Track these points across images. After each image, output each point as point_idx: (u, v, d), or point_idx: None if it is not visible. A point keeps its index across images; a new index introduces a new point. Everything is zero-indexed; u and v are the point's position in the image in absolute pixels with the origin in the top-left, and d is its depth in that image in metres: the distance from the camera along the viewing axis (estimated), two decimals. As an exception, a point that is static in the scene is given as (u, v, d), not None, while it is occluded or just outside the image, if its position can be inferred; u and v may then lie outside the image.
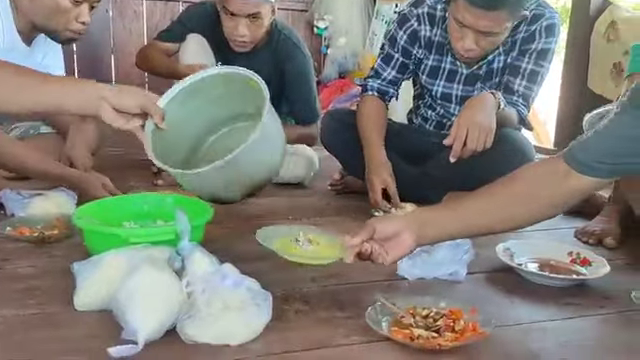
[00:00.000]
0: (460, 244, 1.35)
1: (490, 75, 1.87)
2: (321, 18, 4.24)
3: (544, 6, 1.80)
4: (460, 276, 1.31)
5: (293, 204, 1.89)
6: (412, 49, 1.91)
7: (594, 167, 1.13)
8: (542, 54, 1.78)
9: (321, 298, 1.18)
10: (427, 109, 2.03)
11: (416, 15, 1.89)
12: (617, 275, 1.35)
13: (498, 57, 1.84)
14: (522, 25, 1.78)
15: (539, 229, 1.73)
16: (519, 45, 1.80)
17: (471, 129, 1.58)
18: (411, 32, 1.90)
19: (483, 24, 1.61)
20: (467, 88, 1.90)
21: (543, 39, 1.77)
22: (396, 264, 1.32)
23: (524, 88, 1.80)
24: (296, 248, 1.25)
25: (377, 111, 1.93)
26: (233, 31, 1.95)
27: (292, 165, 2.08)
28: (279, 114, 2.23)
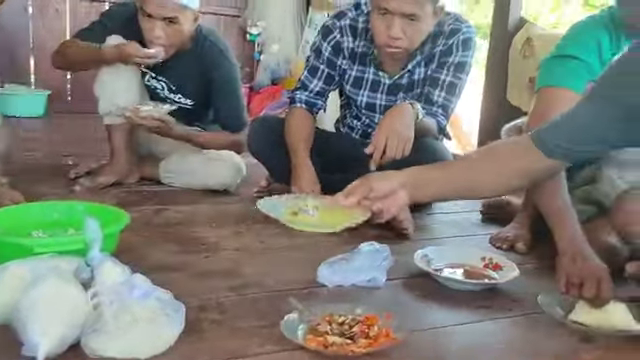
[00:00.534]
0: (379, 250, 1.38)
1: (412, 86, 1.92)
2: (254, 24, 4.23)
3: (461, 21, 1.87)
4: (379, 282, 1.33)
5: (216, 211, 1.86)
6: (336, 60, 1.94)
7: (552, 150, 1.22)
8: (459, 67, 1.85)
9: (238, 307, 1.17)
10: (353, 119, 2.06)
11: (339, 27, 1.93)
12: (526, 279, 1.41)
13: (418, 69, 1.89)
14: (440, 39, 1.85)
15: (457, 235, 1.81)
16: (438, 58, 1.86)
17: (390, 138, 1.62)
18: (335, 43, 1.93)
19: (407, 7, 1.66)
20: (390, 98, 1.94)
21: (460, 52, 1.84)
22: (315, 272, 1.33)
23: (443, 99, 1.86)
24: (306, 217, 1.22)
25: (304, 123, 1.95)
26: (150, 33, 1.91)
27: (217, 171, 2.06)
28: (205, 122, 2.23)
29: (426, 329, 1.13)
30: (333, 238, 1.65)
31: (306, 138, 1.92)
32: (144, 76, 2.08)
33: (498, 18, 2.97)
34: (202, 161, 2.07)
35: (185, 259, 1.41)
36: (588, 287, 1.17)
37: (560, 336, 1.14)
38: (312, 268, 1.35)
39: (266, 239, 1.62)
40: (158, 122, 1.90)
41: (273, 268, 1.40)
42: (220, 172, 2.05)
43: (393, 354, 1.01)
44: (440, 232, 1.85)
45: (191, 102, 2.13)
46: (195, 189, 2.07)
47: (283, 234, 1.66)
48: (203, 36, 2.08)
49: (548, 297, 1.26)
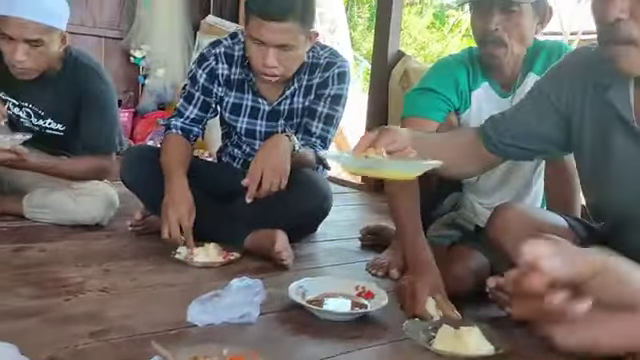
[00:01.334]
0: (251, 285, 1.36)
1: (291, 114, 1.94)
2: (138, 47, 4.10)
3: (336, 55, 1.93)
4: (252, 318, 1.31)
5: (85, 248, 1.76)
6: (212, 87, 1.93)
7: (495, 144, 1.31)
8: (335, 99, 1.90)
9: (98, 355, 1.10)
10: (234, 147, 2.05)
11: (214, 54, 1.92)
12: (396, 306, 1.45)
13: (297, 98, 1.92)
14: (317, 71, 1.89)
15: (335, 264, 1.84)
16: (315, 90, 1.90)
17: (266, 171, 1.62)
18: (209, 70, 1.91)
19: (279, 37, 1.68)
20: (270, 124, 1.95)
21: (336, 85, 1.89)
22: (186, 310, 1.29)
23: (321, 130, 1.90)
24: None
25: (180, 148, 1.89)
26: (11, 56, 1.79)
27: (88, 205, 1.95)
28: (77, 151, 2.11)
29: (295, 364, 1.12)
30: (208, 273, 1.62)
31: (182, 163, 1.84)
32: (4, 103, 1.94)
33: (378, 51, 3.11)
34: (71, 194, 1.95)
35: (42, 304, 1.31)
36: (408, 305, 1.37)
37: (423, 361, 1.18)
38: (183, 306, 1.31)
39: (138, 276, 1.55)
40: (9, 154, 1.76)
41: (141, 309, 1.34)
42: (91, 205, 1.95)
43: (257, 395, 0.99)
44: (319, 261, 1.87)
45: (62, 127, 2.02)
46: (63, 224, 1.94)
47: (155, 271, 1.60)
48: (73, 57, 1.98)
49: (413, 324, 1.30)
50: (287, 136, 1.74)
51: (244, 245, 1.80)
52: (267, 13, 1.65)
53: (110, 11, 4.11)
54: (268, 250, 1.73)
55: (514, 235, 1.31)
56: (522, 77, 1.60)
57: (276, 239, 1.72)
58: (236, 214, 1.82)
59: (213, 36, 4.00)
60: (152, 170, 1.85)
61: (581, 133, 1.25)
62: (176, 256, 1.69)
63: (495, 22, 1.50)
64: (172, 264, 1.66)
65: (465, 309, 1.45)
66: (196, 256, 1.69)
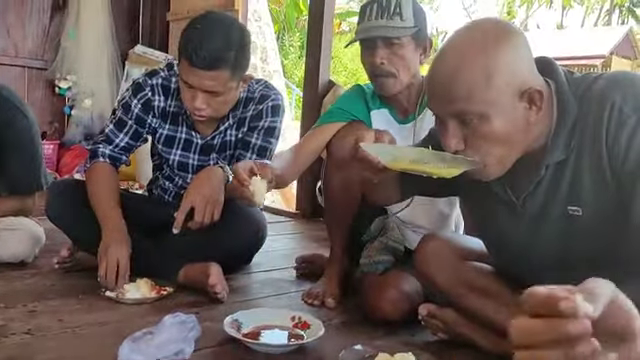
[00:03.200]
0: (185, 321, 1.34)
1: (224, 147, 1.94)
2: (63, 78, 3.99)
3: (270, 88, 1.95)
4: (186, 354, 1.28)
5: (8, 288, 1.67)
6: (146, 118, 1.90)
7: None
8: (269, 131, 1.90)
9: (22, 402, 1.05)
10: (165, 180, 2.02)
11: (150, 85, 1.89)
12: (333, 335, 1.47)
13: (230, 131, 1.92)
14: (251, 104, 1.90)
15: (271, 294, 1.84)
16: (248, 122, 1.91)
17: (198, 203, 1.62)
18: (145, 101, 1.89)
19: (207, 84, 1.68)
20: (203, 158, 1.94)
21: (270, 118, 1.90)
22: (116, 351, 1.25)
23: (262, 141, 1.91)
24: None
25: (109, 178, 1.85)
26: None
27: (11, 242, 1.86)
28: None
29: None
30: (140, 310, 1.58)
31: (114, 194, 1.81)
32: None
33: (309, 80, 3.17)
34: (-8, 231, 1.87)
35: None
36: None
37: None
38: (115, 346, 1.26)
39: (65, 316, 1.49)
40: None
41: (70, 351, 1.29)
42: (14, 243, 1.86)
43: None
44: (254, 292, 1.86)
45: None
46: (-16, 263, 1.85)
47: (84, 310, 1.55)
48: None
49: (349, 353, 1.32)
50: (220, 167, 1.74)
51: (177, 279, 1.77)
52: (196, 61, 1.64)
53: (34, 40, 3.99)
54: (202, 284, 1.71)
55: (439, 266, 1.37)
56: (421, 107, 1.69)
57: (210, 272, 1.70)
58: (169, 248, 1.79)
59: (142, 66, 3.97)
60: (78, 205, 1.79)
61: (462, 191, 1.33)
62: (106, 293, 1.64)
63: (380, 56, 1.63)
64: (102, 302, 1.61)
65: (400, 334, 1.49)
66: (127, 292, 1.64)
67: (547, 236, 1.15)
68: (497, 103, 1.03)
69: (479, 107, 1.04)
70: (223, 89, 1.71)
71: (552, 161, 1.10)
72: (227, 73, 1.68)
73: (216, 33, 1.67)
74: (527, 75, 1.06)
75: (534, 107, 1.06)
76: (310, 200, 3.20)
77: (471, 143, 1.08)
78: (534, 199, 1.15)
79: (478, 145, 1.07)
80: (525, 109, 1.06)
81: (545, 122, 1.10)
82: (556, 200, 1.12)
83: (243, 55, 1.72)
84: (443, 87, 1.07)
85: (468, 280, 1.35)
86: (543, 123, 1.09)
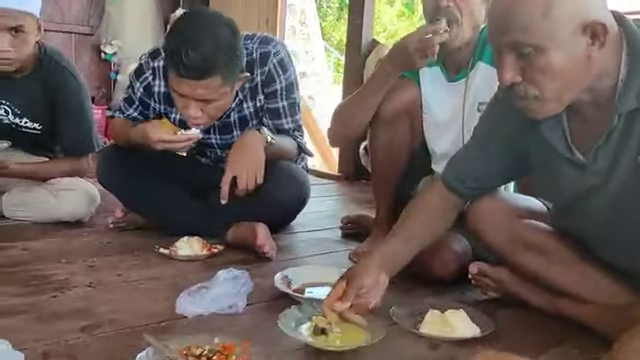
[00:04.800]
0: (238, 276, 1.38)
1: (244, 121, 1.88)
2: (109, 43, 4.05)
3: (267, 42, 1.82)
4: (239, 308, 1.33)
5: (68, 245, 1.75)
6: (149, 102, 1.88)
7: (465, 192, 1.35)
8: (289, 89, 1.85)
9: (89, 349, 1.11)
10: (200, 156, 2.04)
11: (152, 68, 1.84)
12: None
13: (245, 103, 1.85)
14: (255, 68, 1.81)
15: (318, 253, 1.86)
16: (262, 88, 1.83)
17: (239, 172, 1.64)
18: (146, 85, 1.86)
19: (200, 92, 1.61)
20: (224, 137, 1.91)
21: (282, 76, 1.83)
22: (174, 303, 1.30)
23: (292, 123, 1.90)
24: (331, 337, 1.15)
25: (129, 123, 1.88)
26: None
27: (69, 202, 1.94)
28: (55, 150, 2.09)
29: (286, 351, 1.14)
30: (192, 266, 1.63)
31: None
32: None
33: (351, 41, 3.13)
34: (51, 192, 1.94)
35: (29, 301, 1.31)
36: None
37: (410, 345, 1.21)
38: (171, 299, 1.32)
39: (123, 272, 1.55)
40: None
41: (129, 303, 1.34)
42: (71, 203, 1.94)
43: (251, 381, 1.01)
44: (301, 251, 1.89)
45: (38, 126, 2.00)
46: (44, 222, 1.93)
47: (140, 265, 1.61)
48: (47, 56, 1.97)
49: (400, 309, 1.33)
50: (257, 129, 1.74)
51: (226, 239, 1.81)
52: (184, 72, 1.57)
53: (79, 6, 4.04)
54: (250, 243, 1.74)
55: (493, 224, 1.35)
56: (473, 64, 1.63)
57: (257, 232, 1.73)
58: (216, 209, 1.82)
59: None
60: (126, 170, 1.84)
61: (532, 161, 1.28)
62: (160, 250, 1.70)
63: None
64: (156, 258, 1.67)
65: (450, 293, 1.50)
66: (180, 250, 1.70)
67: (614, 189, 1.12)
68: (555, 35, 1.00)
69: (535, 38, 1.01)
70: (216, 95, 1.65)
71: (624, 110, 1.07)
72: (219, 79, 1.61)
73: (203, 37, 1.57)
74: (593, 8, 1.02)
75: (597, 42, 1.02)
76: (352, 162, 3.20)
77: (528, 76, 1.05)
78: (605, 152, 1.11)
79: (535, 78, 1.05)
80: (587, 44, 1.02)
81: (611, 62, 1.06)
82: (626, 152, 1.09)
83: (234, 56, 1.63)
84: (501, 16, 1.05)
85: (523, 237, 1.33)
86: (608, 62, 1.06)
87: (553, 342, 1.25)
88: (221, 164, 1.82)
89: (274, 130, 1.85)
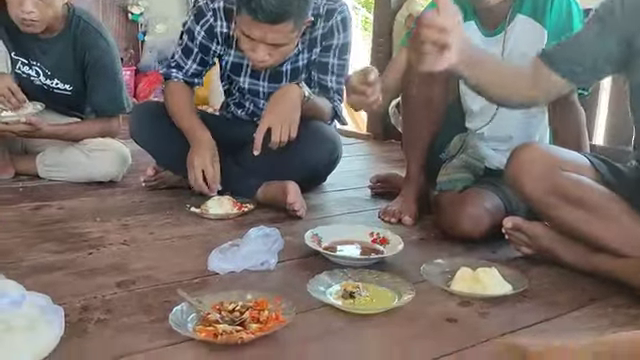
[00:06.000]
0: (269, 234, 1.39)
1: (295, 73, 1.88)
2: (135, 3, 4.03)
3: (334, 0, 1.85)
4: (271, 265, 1.34)
5: (101, 204, 1.79)
6: (210, 45, 1.87)
7: (557, 62, 1.31)
8: (344, 49, 1.86)
9: (125, 304, 1.13)
10: (236, 107, 2.03)
11: (212, 10, 1.83)
12: (412, 251, 1.48)
13: (302, 55, 1.87)
14: (319, 22, 1.82)
15: (347, 212, 1.86)
16: (320, 41, 1.85)
17: (275, 123, 1.63)
18: (208, 28, 1.85)
19: (271, 37, 1.62)
20: (273, 85, 1.90)
21: (342, 34, 1.84)
22: (206, 260, 1.32)
23: (336, 83, 1.88)
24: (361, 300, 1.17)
25: (187, 94, 1.89)
26: (19, 9, 1.78)
27: (101, 162, 1.97)
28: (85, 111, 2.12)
29: (315, 308, 1.15)
30: (223, 225, 1.65)
31: (194, 109, 1.87)
32: (15, 64, 1.95)
33: (381, -4, 3.05)
34: (84, 152, 1.98)
35: (67, 258, 1.35)
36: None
37: (441, 302, 1.21)
38: (203, 257, 1.34)
39: (155, 230, 1.58)
40: (24, 126, 1.82)
41: (162, 260, 1.37)
42: (104, 163, 1.97)
43: (282, 336, 1.02)
44: (331, 210, 1.89)
45: (69, 87, 2.03)
46: (77, 182, 1.97)
47: (172, 224, 1.63)
48: (76, 16, 1.98)
49: (430, 267, 1.33)
50: (297, 84, 1.73)
51: (256, 197, 1.82)
52: (261, 16, 1.57)
53: (105, -35, 4.02)
54: (281, 201, 1.75)
55: (533, 175, 1.32)
56: (511, 18, 1.58)
57: (288, 190, 1.73)
58: (247, 167, 1.83)
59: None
60: (161, 126, 1.86)
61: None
62: (191, 209, 1.72)
63: None
64: (187, 217, 1.69)
65: (480, 251, 1.49)
66: (210, 208, 1.71)
67: None
68: None
69: None
70: (286, 40, 1.66)
71: None
72: (291, 25, 1.62)
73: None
74: None
75: None
76: (381, 122, 3.16)
77: None
78: None
79: None
80: None
81: None
82: None
83: (306, 2, 1.64)
84: None
85: (563, 190, 1.30)
86: None
87: (586, 300, 1.23)
88: (256, 118, 1.82)
89: (317, 85, 1.86)
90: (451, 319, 1.13)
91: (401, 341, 1.04)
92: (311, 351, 0.99)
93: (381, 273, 1.27)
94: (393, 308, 1.15)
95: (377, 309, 1.15)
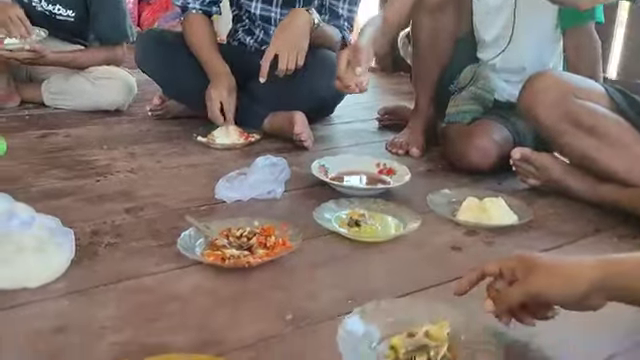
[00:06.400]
0: (276, 163, 1.39)
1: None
2: None
3: None
4: (277, 194, 1.35)
5: (108, 133, 1.78)
6: None
7: None
8: None
9: (134, 229, 1.15)
10: (245, 35, 1.98)
11: None
12: (418, 182, 1.48)
13: None
14: None
15: (354, 144, 1.85)
16: None
17: (282, 50, 1.60)
18: None
19: None
20: (286, 12, 1.83)
21: None
22: (213, 189, 1.33)
23: (348, 11, 1.84)
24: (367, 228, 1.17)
25: (206, 26, 1.85)
26: None
27: (107, 90, 1.95)
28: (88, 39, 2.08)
29: (320, 235, 1.16)
30: (230, 154, 1.64)
31: (213, 41, 1.83)
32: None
33: None
34: (89, 80, 1.96)
35: (75, 184, 1.36)
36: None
37: (447, 231, 1.22)
38: (210, 185, 1.35)
39: (162, 159, 1.58)
40: (28, 53, 1.79)
41: (170, 188, 1.37)
42: (110, 91, 1.95)
43: (288, 261, 1.04)
44: (338, 142, 1.88)
45: (72, 13, 1.98)
46: (83, 110, 1.96)
47: (179, 153, 1.63)
48: None
49: (437, 197, 1.33)
50: (306, 10, 1.68)
51: (263, 127, 1.81)
52: None
53: None
54: (287, 132, 1.74)
55: (547, 102, 1.30)
56: None
57: (295, 120, 1.72)
58: (254, 96, 1.81)
59: None
60: (168, 54, 1.83)
61: None
62: (198, 138, 1.71)
63: None
64: (195, 146, 1.68)
65: (487, 182, 1.48)
66: (217, 138, 1.71)
67: None
68: None
69: None
70: None
71: None
72: None
73: None
74: None
75: None
76: (390, 54, 3.09)
77: None
78: None
79: None
80: None
81: None
82: None
83: None
84: None
85: (576, 117, 1.28)
86: None
87: (592, 230, 1.24)
88: (265, 47, 1.78)
89: (328, 11, 1.82)
90: (456, 247, 1.15)
91: (406, 267, 1.06)
92: (317, 275, 1.01)
93: (387, 202, 1.28)
94: (399, 236, 1.16)
95: (383, 237, 1.16)
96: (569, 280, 0.71)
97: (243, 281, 0.97)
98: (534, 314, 0.78)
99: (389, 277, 1.02)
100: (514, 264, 0.76)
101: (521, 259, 0.76)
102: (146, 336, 0.81)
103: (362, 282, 0.99)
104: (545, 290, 0.73)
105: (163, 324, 0.84)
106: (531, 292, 0.73)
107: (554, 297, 0.73)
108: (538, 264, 0.74)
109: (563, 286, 0.72)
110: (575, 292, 0.71)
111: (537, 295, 0.73)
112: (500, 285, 0.78)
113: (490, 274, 0.80)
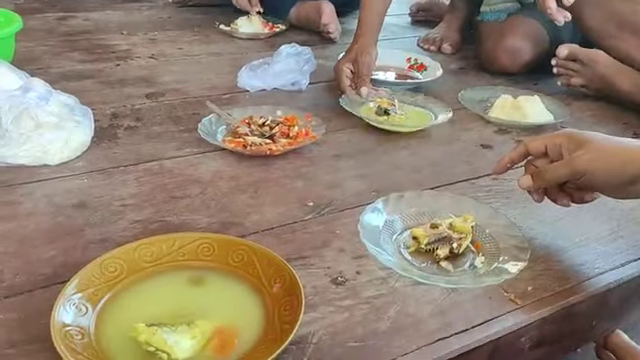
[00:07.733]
0: (301, 52, 1.32)
1: None
2: None
3: None
4: (302, 85, 1.29)
5: (128, 18, 1.71)
6: None
7: None
8: None
9: (155, 114, 1.12)
10: None
11: None
12: (450, 78, 1.41)
13: None
14: None
15: (385, 38, 1.75)
16: None
17: None
18: None
19: None
20: None
21: None
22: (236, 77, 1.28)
23: None
24: (394, 117, 1.13)
25: None
26: None
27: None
28: None
29: (347, 128, 1.12)
30: (253, 44, 1.58)
31: None
32: None
33: None
34: (107, -38, 1.86)
35: (95, 67, 1.32)
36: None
37: (477, 128, 1.17)
38: (233, 74, 1.30)
39: (183, 46, 1.52)
40: None
41: (191, 75, 1.33)
42: (130, -25, 1.86)
43: (311, 152, 1.01)
44: (367, 35, 1.79)
45: None
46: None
47: (201, 41, 1.57)
48: None
49: (469, 93, 1.27)
50: None
51: (289, 18, 1.73)
52: None
53: None
54: (314, 23, 1.66)
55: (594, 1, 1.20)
56: None
57: (323, 11, 1.63)
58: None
59: None
60: None
61: None
62: (220, 27, 1.64)
63: None
64: (217, 35, 1.62)
65: (522, 82, 1.41)
66: (240, 27, 1.64)
67: None
68: None
69: None
70: None
71: None
72: None
73: None
74: None
75: None
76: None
77: None
78: None
79: None
80: None
81: None
82: None
83: None
84: None
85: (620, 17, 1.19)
86: None
87: (629, 134, 1.18)
88: None
89: None
90: (486, 145, 1.10)
91: (433, 162, 1.02)
92: (341, 166, 0.98)
93: (417, 95, 1.22)
94: (427, 129, 1.12)
95: (411, 127, 1.12)
96: (620, 160, 0.66)
97: (265, 169, 0.95)
98: (571, 196, 0.74)
99: (415, 171, 0.99)
100: (562, 140, 0.71)
101: (570, 135, 0.71)
102: (167, 215, 0.80)
103: (387, 175, 0.96)
104: (592, 169, 0.67)
105: (184, 204, 0.83)
106: (577, 170, 0.68)
107: (601, 178, 0.68)
108: (589, 141, 0.69)
109: (613, 166, 0.66)
110: (624, 175, 0.66)
111: (583, 173, 0.68)
112: (542, 162, 0.74)
113: (534, 151, 0.75)
